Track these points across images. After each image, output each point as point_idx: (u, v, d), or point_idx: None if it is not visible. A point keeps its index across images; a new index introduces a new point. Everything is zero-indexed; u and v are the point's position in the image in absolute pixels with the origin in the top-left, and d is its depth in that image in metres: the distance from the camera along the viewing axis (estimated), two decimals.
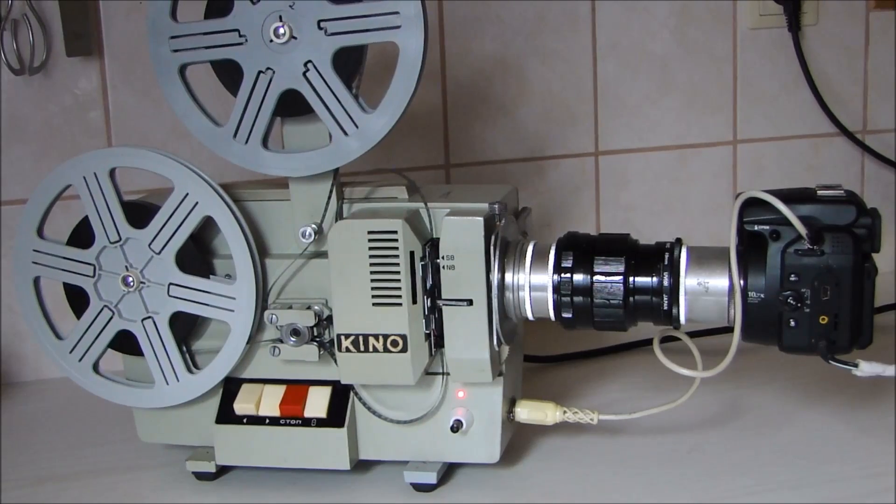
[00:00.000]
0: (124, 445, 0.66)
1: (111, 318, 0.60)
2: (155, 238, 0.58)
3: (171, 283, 0.59)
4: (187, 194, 0.57)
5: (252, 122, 0.56)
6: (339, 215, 0.59)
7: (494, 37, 0.83)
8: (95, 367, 0.61)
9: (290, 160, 0.57)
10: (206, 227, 0.59)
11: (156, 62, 0.55)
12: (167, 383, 0.60)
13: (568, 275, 0.55)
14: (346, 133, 0.56)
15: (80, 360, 0.60)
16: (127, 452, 0.65)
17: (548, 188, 0.89)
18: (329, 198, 0.58)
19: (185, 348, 0.60)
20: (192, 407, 0.62)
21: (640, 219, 0.91)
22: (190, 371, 0.60)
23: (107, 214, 0.58)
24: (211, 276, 0.60)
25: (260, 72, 0.55)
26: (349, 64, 0.54)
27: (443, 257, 0.55)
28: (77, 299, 0.60)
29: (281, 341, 0.59)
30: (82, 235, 0.59)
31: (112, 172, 0.58)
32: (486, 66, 0.84)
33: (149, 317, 0.59)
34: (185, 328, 0.60)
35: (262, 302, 0.60)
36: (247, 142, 0.56)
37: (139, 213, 0.59)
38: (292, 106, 0.55)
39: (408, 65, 0.53)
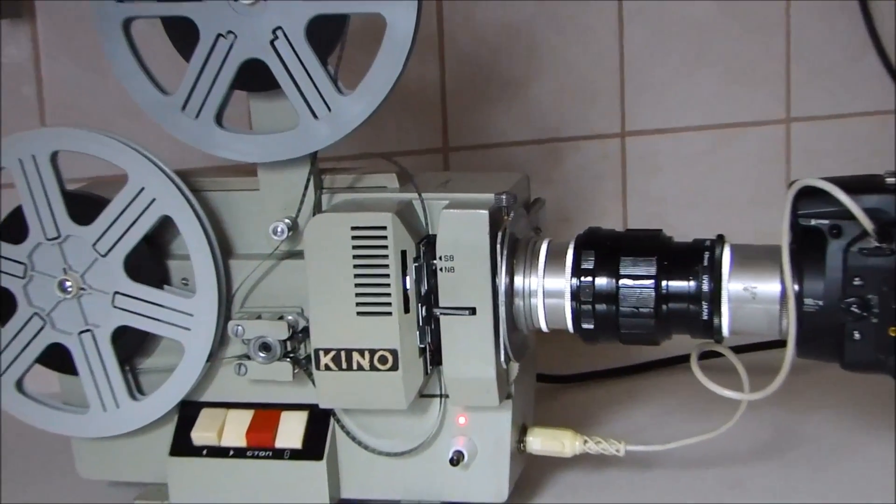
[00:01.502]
0: (61, 481, 0.65)
1: (42, 327, 0.59)
2: (101, 237, 0.58)
3: (116, 293, 0.59)
4: (143, 188, 0.57)
5: (205, 93, 0.56)
6: (317, 208, 0.59)
7: (501, 0, 0.84)
8: (19, 385, 0.60)
9: (247, 142, 0.57)
10: (162, 225, 0.59)
11: (97, 14, 0.55)
12: (104, 409, 0.60)
13: (589, 278, 0.56)
14: (315, 116, 0.56)
15: (1, 375, 0.60)
16: (63, 490, 0.64)
17: (565, 176, 0.90)
18: (305, 187, 0.59)
19: (128, 368, 0.60)
20: (141, 436, 0.62)
21: (673, 212, 0.92)
22: (133, 396, 0.60)
23: (45, 205, 0.58)
24: (165, 287, 0.60)
25: (219, 35, 0.55)
26: (326, 35, 0.54)
27: (440, 258, 0.55)
28: (2, 303, 0.59)
29: (248, 358, 0.59)
30: (13, 229, 0.58)
31: (54, 157, 0.58)
32: (491, 35, 0.85)
33: (87, 329, 0.59)
34: (131, 345, 0.60)
35: (225, 311, 0.60)
36: (197, 116, 0.56)
37: (84, 206, 0.58)
38: (256, 79, 0.55)
39: (394, 43, 0.53)
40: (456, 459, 0.58)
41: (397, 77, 0.54)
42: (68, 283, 0.59)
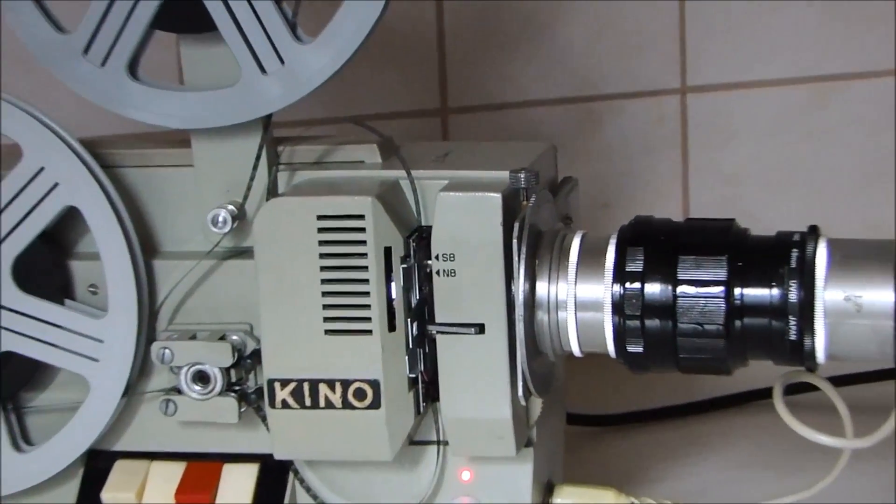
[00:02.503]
0: None
1: None
2: None
3: (1, 308, 0.59)
4: (42, 168, 0.58)
5: (115, 34, 0.56)
6: (271, 191, 0.60)
7: None
8: None
9: (174, 101, 0.57)
10: (65, 214, 0.60)
11: None
12: None
13: (637, 284, 0.56)
14: (264, 70, 0.56)
15: None
16: None
17: (605, 147, 0.90)
18: (255, 163, 0.59)
19: (11, 407, 0.61)
20: (31, 497, 0.62)
21: (750, 195, 0.93)
22: (16, 447, 0.60)
23: None
24: (67, 303, 0.60)
25: None
26: None
27: (437, 257, 0.56)
28: None
29: (178, 392, 0.60)
30: None
31: None
32: None
33: None
34: (17, 378, 0.61)
35: (147, 330, 0.60)
36: (104, 63, 0.56)
37: None
38: (185, 16, 0.56)
39: None
40: None
41: (376, 19, 0.54)
42: None
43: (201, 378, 0.59)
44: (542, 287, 0.58)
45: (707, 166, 0.92)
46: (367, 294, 0.56)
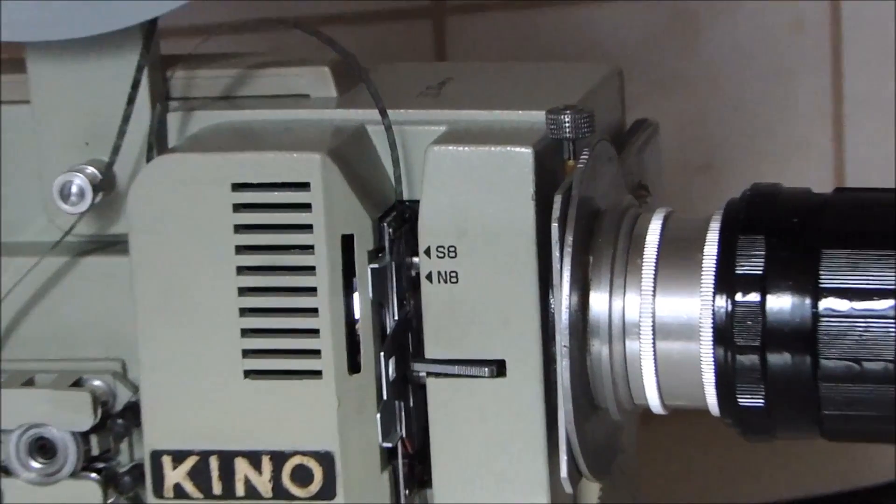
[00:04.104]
0: None
1: None
2: None
3: None
4: None
5: None
6: (156, 144, 0.60)
7: None
8: None
9: None
10: None
11: None
12: None
13: (754, 296, 0.56)
14: None
15: None
16: None
17: (706, 71, 0.91)
18: (130, 98, 0.59)
19: None
20: None
21: None
22: None
23: None
24: None
25: None
26: None
27: (429, 252, 0.57)
28: None
29: (6, 471, 0.60)
30: None
31: None
32: None
33: None
34: None
35: None
36: None
37: None
38: None
39: None
40: None
41: None
42: None
43: (42, 449, 0.60)
44: (598, 301, 0.58)
45: (870, 100, 0.93)
46: (313, 312, 0.57)
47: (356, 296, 0.58)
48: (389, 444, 0.59)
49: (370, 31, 0.88)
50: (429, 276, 0.57)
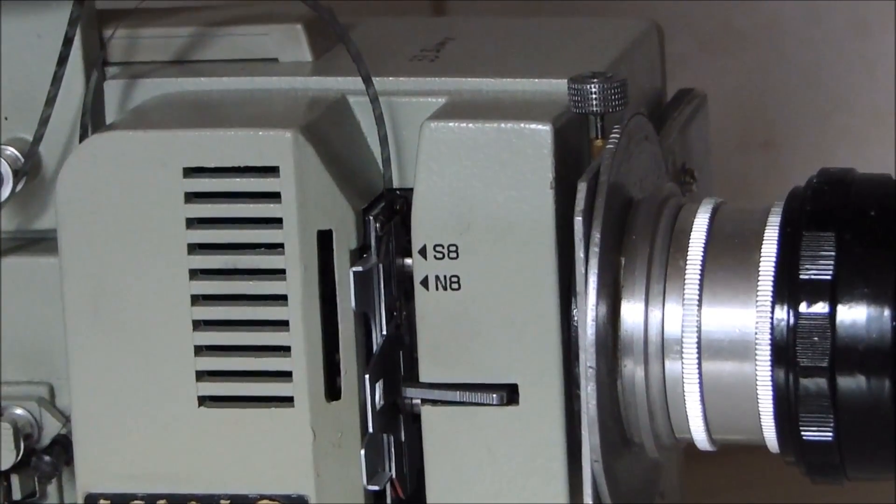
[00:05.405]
0: None
1: None
2: None
3: None
4: None
5: None
6: (91, 119, 0.59)
7: None
8: None
9: None
10: None
11: None
12: None
13: (822, 306, 0.54)
14: None
15: None
16: None
17: (763, 34, 0.87)
18: (60, 63, 0.58)
19: None
20: None
21: None
22: None
23: None
24: None
25: None
26: None
27: (424, 252, 0.55)
28: None
29: None
30: None
31: None
32: None
33: None
34: None
35: None
36: None
37: None
38: None
39: None
40: None
41: None
42: None
43: None
44: (631, 311, 0.56)
45: None
46: (282, 325, 0.56)
47: (336, 305, 0.55)
48: (376, 487, 0.57)
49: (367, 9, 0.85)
50: (424, 282, 0.55)
